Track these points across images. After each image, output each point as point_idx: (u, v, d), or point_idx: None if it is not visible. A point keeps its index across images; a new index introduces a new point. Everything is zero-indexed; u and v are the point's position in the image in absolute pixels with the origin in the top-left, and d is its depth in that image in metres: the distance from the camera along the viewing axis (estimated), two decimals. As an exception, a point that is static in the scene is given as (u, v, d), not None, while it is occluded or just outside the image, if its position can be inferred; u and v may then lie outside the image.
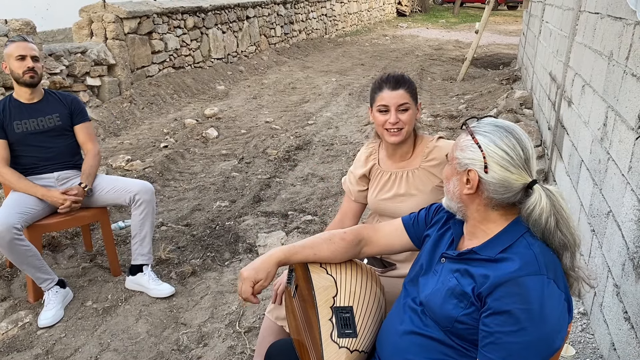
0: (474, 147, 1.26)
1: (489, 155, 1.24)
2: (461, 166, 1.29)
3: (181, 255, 3.37)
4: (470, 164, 1.27)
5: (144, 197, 2.89)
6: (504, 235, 1.27)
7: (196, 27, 8.55)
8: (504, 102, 5.57)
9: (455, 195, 1.33)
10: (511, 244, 1.25)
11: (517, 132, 1.28)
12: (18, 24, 5.26)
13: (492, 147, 1.24)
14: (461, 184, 1.30)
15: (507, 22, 20.84)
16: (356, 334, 1.44)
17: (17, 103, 2.88)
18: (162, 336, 2.63)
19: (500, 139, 1.25)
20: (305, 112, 7.04)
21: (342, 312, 1.46)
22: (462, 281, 1.27)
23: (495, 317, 1.17)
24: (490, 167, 1.24)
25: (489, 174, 1.24)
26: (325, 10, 14.61)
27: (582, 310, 2.64)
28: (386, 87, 1.89)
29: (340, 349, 1.41)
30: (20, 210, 2.66)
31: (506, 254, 1.23)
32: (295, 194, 4.37)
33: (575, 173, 3.13)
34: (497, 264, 1.23)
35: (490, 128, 1.28)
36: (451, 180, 1.34)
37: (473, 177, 1.26)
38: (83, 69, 6.11)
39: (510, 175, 1.24)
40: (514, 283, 1.16)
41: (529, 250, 1.22)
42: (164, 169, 4.85)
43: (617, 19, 2.60)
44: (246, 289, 1.49)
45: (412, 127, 1.93)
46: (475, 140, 1.26)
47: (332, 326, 1.43)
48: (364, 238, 1.59)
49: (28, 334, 2.63)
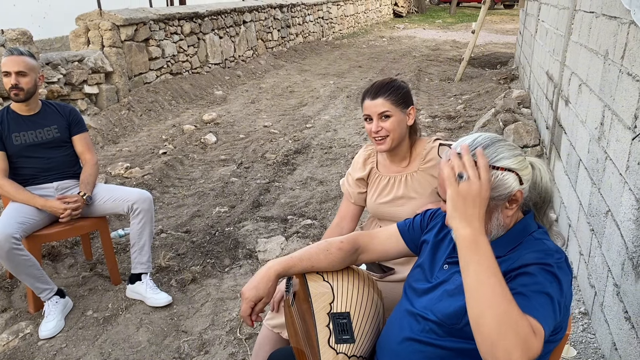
0: (506, 174, 1.23)
1: (517, 168, 1.24)
2: (502, 199, 1.24)
3: (181, 263, 3.37)
4: (512, 188, 1.23)
5: (141, 205, 2.89)
6: (513, 234, 1.28)
7: (193, 32, 8.57)
8: (502, 102, 5.58)
9: (501, 226, 1.27)
10: (519, 243, 1.26)
11: (494, 134, 1.31)
12: (15, 33, 5.27)
13: (512, 160, 1.24)
14: (504, 212, 1.26)
15: (504, 21, 20.86)
16: (354, 340, 1.43)
17: (15, 115, 2.88)
18: (163, 344, 2.63)
19: (504, 149, 1.26)
20: (304, 115, 7.05)
21: (339, 318, 1.45)
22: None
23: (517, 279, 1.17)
24: (523, 177, 1.25)
25: (525, 182, 1.26)
26: (321, 13, 14.63)
27: (583, 310, 2.64)
28: (367, 96, 1.92)
29: (338, 354, 1.41)
30: (19, 220, 2.66)
31: (515, 252, 1.25)
32: (294, 198, 4.36)
33: (573, 172, 3.12)
34: (507, 260, 1.23)
35: (491, 151, 1.24)
36: (492, 220, 1.26)
37: (518, 196, 1.24)
38: (80, 77, 6.12)
39: (527, 165, 1.28)
40: (535, 260, 1.17)
41: (537, 242, 1.25)
42: (163, 176, 4.85)
43: (612, 18, 2.60)
44: (245, 309, 1.48)
45: (399, 134, 1.92)
46: (502, 168, 1.23)
47: (330, 332, 1.43)
48: (360, 246, 1.58)
49: (29, 345, 2.63)
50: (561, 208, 3.42)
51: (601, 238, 2.43)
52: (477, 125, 5.55)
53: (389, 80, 1.96)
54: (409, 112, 1.95)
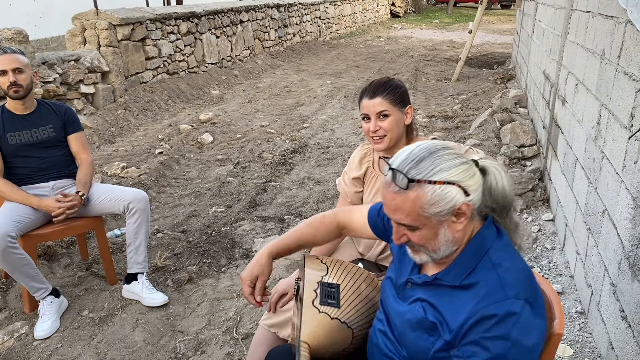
0: (444, 188, 1.15)
1: (459, 179, 1.16)
2: (445, 214, 1.16)
3: (177, 262, 3.36)
4: (455, 202, 1.16)
5: (137, 205, 2.88)
6: (467, 255, 1.22)
7: (190, 32, 8.55)
8: (499, 102, 5.58)
9: (450, 242, 1.20)
10: (475, 265, 1.20)
11: (432, 144, 1.22)
12: (10, 33, 5.24)
13: (452, 172, 1.16)
14: (452, 227, 1.19)
15: (501, 21, 20.89)
16: (339, 306, 1.42)
17: (10, 114, 2.87)
18: (159, 344, 2.61)
19: (442, 160, 1.17)
20: (301, 115, 7.04)
21: (328, 286, 1.45)
22: (429, 313, 1.22)
23: (465, 348, 1.14)
24: (467, 187, 1.17)
25: (471, 193, 1.18)
26: (319, 13, 14.62)
27: (580, 310, 2.64)
28: (365, 95, 1.92)
29: (320, 313, 1.39)
30: (15, 219, 2.65)
31: (471, 278, 1.19)
32: (291, 198, 4.36)
33: (570, 172, 3.13)
34: (463, 291, 1.18)
35: (427, 164, 1.17)
36: (438, 237, 1.19)
37: (464, 209, 1.17)
38: (77, 77, 6.10)
39: (475, 172, 1.19)
40: (481, 317, 1.12)
41: (492, 271, 1.17)
42: (160, 176, 4.84)
43: (608, 18, 2.60)
44: (245, 289, 1.54)
45: (397, 133, 1.92)
46: (440, 182, 1.14)
47: (316, 295, 1.42)
48: (339, 222, 1.62)
49: (24, 345, 2.61)
50: (558, 207, 3.43)
51: (598, 237, 2.43)
52: (473, 125, 5.56)
53: (386, 79, 1.96)
54: (407, 111, 1.94)
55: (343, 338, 1.42)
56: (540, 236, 3.42)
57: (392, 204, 1.18)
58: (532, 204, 3.83)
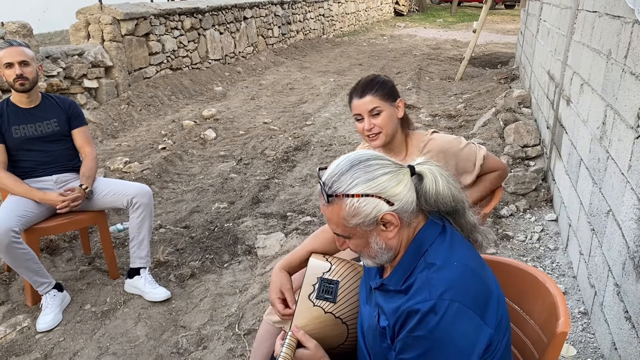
0: (362, 200, 1.17)
1: (378, 191, 1.17)
2: (369, 225, 1.19)
3: (180, 258, 3.36)
4: (376, 212, 1.17)
5: (141, 200, 2.88)
6: (407, 259, 1.23)
7: (193, 28, 8.54)
8: (502, 101, 5.57)
9: (384, 249, 1.22)
10: (412, 269, 1.20)
11: (356, 155, 1.23)
12: (14, 26, 5.24)
13: (370, 184, 1.17)
14: (383, 235, 1.21)
15: (505, 21, 20.84)
16: (335, 301, 1.42)
17: (15, 108, 2.87)
18: (161, 339, 2.62)
19: (361, 173, 1.19)
20: (304, 112, 7.03)
21: (327, 282, 1.45)
22: (382, 319, 1.23)
23: (397, 344, 1.16)
24: (390, 197, 1.17)
25: (396, 202, 1.18)
26: (322, 10, 14.60)
27: (583, 310, 2.63)
28: (355, 96, 1.94)
29: (315, 307, 1.40)
30: (19, 214, 2.65)
31: (409, 281, 1.19)
32: (293, 195, 4.35)
33: (574, 172, 3.12)
34: (405, 295, 1.18)
35: (347, 178, 1.19)
36: (370, 245, 1.22)
37: (389, 219, 1.18)
38: (80, 71, 6.10)
39: (402, 180, 1.19)
40: (406, 315, 1.14)
41: (424, 272, 1.17)
42: (162, 171, 4.84)
43: (615, 18, 2.59)
44: (278, 307, 1.56)
45: (392, 128, 1.94)
46: (357, 195, 1.17)
47: (313, 289, 1.43)
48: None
49: (26, 338, 2.62)
50: (561, 208, 3.42)
51: (602, 238, 2.43)
52: (477, 124, 5.55)
53: (372, 76, 1.98)
54: (398, 104, 1.96)
55: (337, 333, 1.42)
56: (543, 236, 3.41)
57: (325, 215, 1.24)
58: (536, 204, 3.83)
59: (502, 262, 1.53)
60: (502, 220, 3.64)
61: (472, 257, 1.23)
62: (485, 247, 1.34)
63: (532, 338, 1.40)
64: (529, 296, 1.44)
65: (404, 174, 1.21)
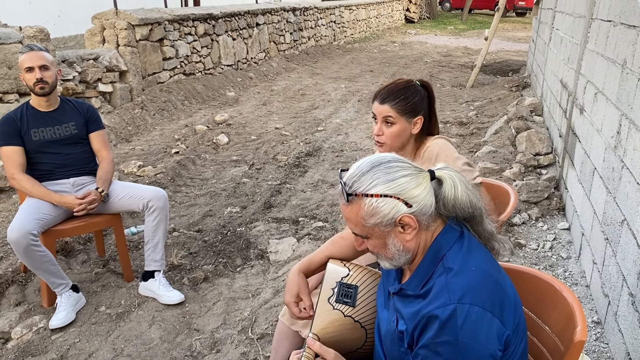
0: (381, 201, 1.19)
1: (397, 192, 1.19)
2: (387, 225, 1.21)
3: (193, 261, 3.39)
4: (394, 214, 1.19)
5: (157, 203, 2.91)
6: (425, 263, 1.24)
7: (207, 34, 8.61)
8: (514, 109, 5.56)
9: (402, 251, 1.24)
10: (431, 274, 1.22)
11: (378, 157, 1.26)
12: (32, 31, 5.32)
13: (390, 184, 1.19)
14: (401, 237, 1.22)
15: (516, 28, 20.80)
16: (354, 305, 1.43)
17: (34, 111, 2.92)
18: (175, 342, 2.64)
19: (382, 174, 1.21)
20: (315, 118, 7.06)
21: (346, 286, 1.46)
22: (400, 323, 1.25)
23: (419, 351, 1.17)
24: (408, 198, 1.19)
25: (414, 204, 1.20)
26: (334, 17, 14.66)
27: (596, 319, 2.63)
28: (377, 98, 1.95)
29: (334, 310, 1.41)
30: (37, 216, 2.69)
31: (428, 285, 1.21)
32: (305, 200, 4.38)
33: (587, 181, 3.11)
34: (424, 300, 1.20)
35: (367, 178, 1.21)
36: (388, 246, 1.24)
37: (407, 221, 1.19)
38: (95, 75, 6.17)
39: (421, 183, 1.21)
40: (427, 321, 1.15)
41: (442, 276, 1.19)
42: (175, 175, 4.88)
43: (630, 27, 2.59)
44: (293, 310, 1.58)
45: (399, 143, 1.94)
46: (376, 195, 1.19)
47: (332, 293, 1.44)
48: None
49: (42, 339, 2.65)
50: (574, 216, 3.41)
51: (616, 247, 2.42)
52: (489, 132, 5.55)
53: (403, 85, 1.94)
54: (416, 121, 1.93)
55: (356, 337, 1.43)
56: (555, 245, 3.41)
57: (344, 215, 1.25)
58: (548, 212, 3.82)
59: (519, 270, 1.53)
60: (514, 228, 3.63)
61: (489, 261, 1.24)
62: (502, 255, 1.35)
63: (549, 346, 1.41)
64: (546, 304, 1.45)
65: (423, 178, 1.23)
